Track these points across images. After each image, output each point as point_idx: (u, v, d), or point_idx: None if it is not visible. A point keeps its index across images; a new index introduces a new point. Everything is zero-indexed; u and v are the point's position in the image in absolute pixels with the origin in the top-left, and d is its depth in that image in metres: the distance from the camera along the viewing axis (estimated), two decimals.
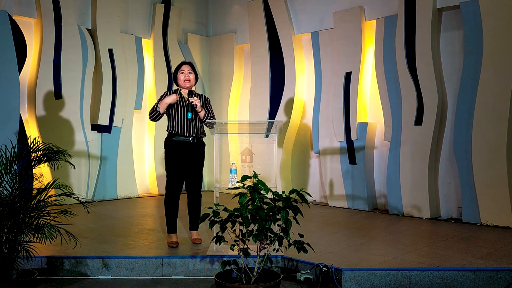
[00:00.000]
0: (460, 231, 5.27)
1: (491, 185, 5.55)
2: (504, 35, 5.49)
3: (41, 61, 6.89)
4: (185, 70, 4.53)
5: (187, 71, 4.53)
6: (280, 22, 7.87)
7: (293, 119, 7.69)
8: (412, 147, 6.21)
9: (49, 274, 3.97)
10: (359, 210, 6.72)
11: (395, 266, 3.81)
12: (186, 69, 4.53)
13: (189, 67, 4.56)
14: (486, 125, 5.59)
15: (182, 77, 4.52)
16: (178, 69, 4.58)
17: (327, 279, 3.68)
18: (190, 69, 4.54)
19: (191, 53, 8.88)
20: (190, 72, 4.53)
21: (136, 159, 8.16)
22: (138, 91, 8.06)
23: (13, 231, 3.37)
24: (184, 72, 4.52)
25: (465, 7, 5.78)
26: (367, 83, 6.98)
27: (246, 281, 3.37)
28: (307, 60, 7.76)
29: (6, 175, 3.53)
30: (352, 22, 6.93)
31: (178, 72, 4.56)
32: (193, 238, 4.63)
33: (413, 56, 6.22)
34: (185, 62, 4.65)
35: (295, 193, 3.39)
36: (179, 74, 4.54)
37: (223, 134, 4.46)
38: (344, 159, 6.95)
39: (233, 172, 4.33)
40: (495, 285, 3.65)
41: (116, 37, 7.74)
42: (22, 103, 6.87)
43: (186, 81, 4.51)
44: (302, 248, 3.41)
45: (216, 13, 9.25)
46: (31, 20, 7.01)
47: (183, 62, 4.65)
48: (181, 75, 4.52)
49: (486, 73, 5.59)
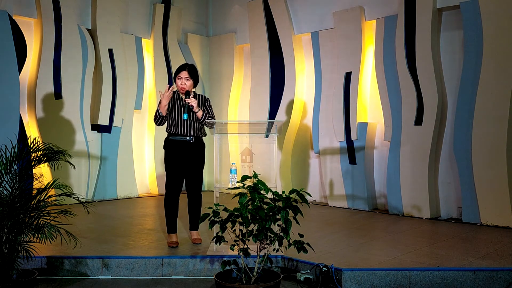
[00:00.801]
0: (460, 231, 5.27)
1: (491, 185, 5.55)
2: (504, 35, 5.49)
3: (41, 61, 6.89)
4: (183, 76, 4.50)
5: (185, 78, 4.49)
6: (280, 22, 7.87)
7: (293, 119, 7.69)
8: (412, 147, 6.21)
9: (49, 274, 3.97)
10: (359, 210, 6.72)
11: (395, 266, 3.81)
12: (183, 76, 4.50)
13: (186, 74, 4.49)
14: (486, 125, 5.59)
15: (179, 83, 4.51)
16: (177, 74, 4.55)
17: (327, 279, 3.68)
18: (187, 76, 4.49)
19: (191, 53, 8.88)
20: (187, 79, 4.49)
21: (136, 159, 8.16)
22: (138, 91, 8.06)
23: (13, 231, 3.37)
24: (182, 79, 4.50)
25: (465, 7, 5.78)
26: (367, 83, 6.98)
27: (246, 281, 3.37)
28: (307, 60, 7.76)
29: (6, 175, 3.53)
30: (352, 22, 6.93)
31: (176, 77, 4.54)
32: (193, 238, 4.63)
33: (413, 56, 6.22)
34: (184, 67, 4.55)
35: (295, 193, 3.39)
36: (177, 80, 4.54)
37: (223, 134, 4.47)
38: (344, 159, 6.95)
39: (233, 172, 4.33)
40: (495, 285, 3.65)
41: (116, 37, 7.74)
42: (22, 103, 6.87)
43: (181, 88, 4.50)
44: (302, 248, 3.41)
45: (216, 13, 9.25)
46: (31, 20, 7.01)
47: (183, 67, 4.56)
48: (178, 81, 4.51)
49: (486, 73, 5.59)
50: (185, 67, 4.54)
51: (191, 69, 4.55)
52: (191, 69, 4.55)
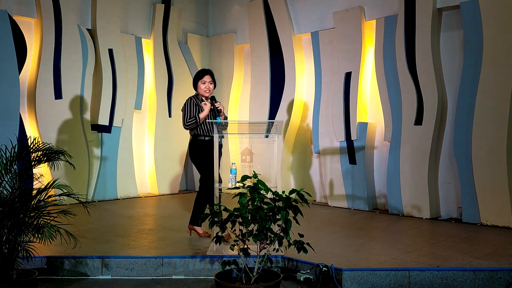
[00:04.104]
0: (460, 231, 5.27)
1: (491, 185, 5.55)
2: (504, 35, 5.49)
3: (41, 61, 6.89)
4: (207, 80, 4.83)
5: (209, 81, 4.83)
6: (280, 22, 7.87)
7: (293, 119, 7.69)
8: (412, 147, 6.21)
9: (49, 274, 3.97)
10: (359, 210, 6.72)
11: (395, 266, 3.81)
12: (207, 80, 4.84)
13: (210, 78, 4.85)
14: (486, 125, 5.59)
15: (203, 86, 4.82)
16: (200, 77, 4.85)
17: (327, 279, 3.68)
18: (211, 80, 4.85)
19: (191, 53, 8.89)
20: (210, 83, 4.85)
21: (136, 159, 8.16)
22: (138, 91, 8.06)
23: (13, 231, 3.37)
24: (206, 82, 4.83)
25: (465, 7, 5.79)
26: (367, 83, 6.98)
27: (246, 281, 3.37)
28: (307, 60, 7.76)
29: (6, 175, 3.53)
30: (352, 22, 6.93)
31: (199, 81, 4.84)
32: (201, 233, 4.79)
33: (413, 56, 6.22)
34: (206, 71, 4.90)
35: (295, 193, 3.39)
36: (200, 83, 4.84)
37: (223, 134, 4.48)
38: (344, 159, 6.95)
39: (233, 172, 4.34)
40: (495, 285, 3.65)
41: (116, 37, 7.74)
42: (22, 103, 6.86)
43: (206, 91, 4.83)
44: (302, 248, 3.41)
45: (216, 13, 9.25)
46: (31, 20, 7.01)
47: (205, 71, 4.90)
48: (202, 85, 4.83)
49: (486, 73, 5.59)
50: (208, 72, 4.91)
51: (212, 73, 4.93)
52: (212, 73, 4.93)
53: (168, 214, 6.35)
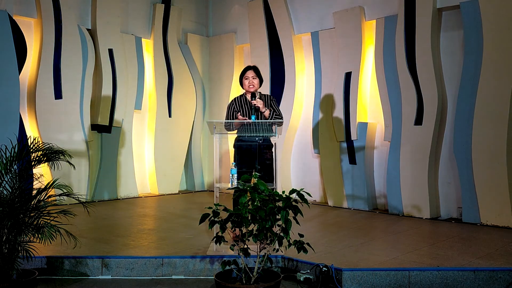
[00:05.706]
0: (460, 231, 5.27)
1: (491, 185, 5.55)
2: (504, 35, 5.49)
3: (41, 61, 6.89)
4: (249, 76, 4.81)
5: (251, 77, 4.81)
6: (280, 22, 7.87)
7: (293, 119, 7.69)
8: (412, 147, 6.21)
9: (49, 274, 3.97)
10: (359, 210, 6.72)
11: (395, 266, 3.81)
12: (250, 75, 4.81)
13: (253, 73, 4.82)
14: (486, 125, 5.59)
15: (246, 83, 4.82)
16: (243, 74, 4.86)
17: (327, 279, 3.68)
18: (254, 75, 4.82)
19: (191, 53, 8.89)
20: (254, 78, 4.81)
21: (136, 159, 8.16)
22: (138, 91, 8.06)
23: (13, 231, 3.37)
24: (249, 78, 4.81)
25: (465, 7, 5.79)
26: (367, 83, 6.97)
27: (246, 281, 3.37)
28: (307, 60, 7.76)
29: (6, 175, 3.52)
30: (352, 22, 6.93)
31: (243, 78, 4.85)
32: None
33: (413, 56, 6.22)
34: (250, 67, 4.89)
35: (295, 193, 3.39)
36: (244, 80, 4.85)
37: (223, 134, 4.48)
38: (344, 159, 6.95)
39: (233, 172, 4.34)
40: (495, 285, 3.65)
41: (116, 37, 7.74)
42: (22, 103, 6.87)
43: (250, 86, 4.81)
44: (302, 248, 3.40)
45: (216, 13, 9.25)
46: (31, 20, 7.01)
47: (248, 67, 4.89)
48: (246, 81, 4.84)
49: (486, 73, 5.59)
50: (250, 67, 4.88)
51: (256, 69, 4.88)
52: (256, 68, 4.88)
53: (168, 214, 6.35)
